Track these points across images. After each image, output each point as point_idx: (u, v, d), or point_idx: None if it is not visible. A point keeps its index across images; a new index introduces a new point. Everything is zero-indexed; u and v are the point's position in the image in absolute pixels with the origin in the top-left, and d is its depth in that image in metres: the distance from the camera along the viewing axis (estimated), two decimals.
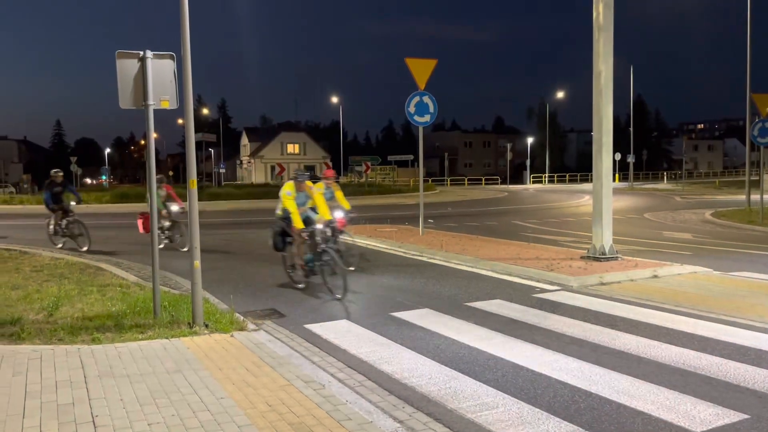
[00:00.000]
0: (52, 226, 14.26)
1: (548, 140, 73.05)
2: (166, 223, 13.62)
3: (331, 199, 10.29)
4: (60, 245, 13.84)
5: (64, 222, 13.90)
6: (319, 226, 8.78)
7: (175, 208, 13.57)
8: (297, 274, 8.99)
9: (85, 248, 13.26)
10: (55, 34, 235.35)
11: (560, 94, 71.08)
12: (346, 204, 10.79)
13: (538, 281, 9.18)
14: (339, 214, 10.33)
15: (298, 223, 8.54)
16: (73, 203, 14.14)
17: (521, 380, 4.96)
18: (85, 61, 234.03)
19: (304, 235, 8.65)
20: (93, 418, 4.05)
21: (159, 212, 12.78)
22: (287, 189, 8.87)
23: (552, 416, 4.22)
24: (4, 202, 36.29)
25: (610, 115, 10.79)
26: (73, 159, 56.03)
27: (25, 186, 56.97)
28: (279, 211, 9.11)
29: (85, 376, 4.86)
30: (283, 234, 9.05)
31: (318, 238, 8.60)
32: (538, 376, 5.05)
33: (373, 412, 4.20)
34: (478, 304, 7.72)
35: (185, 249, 12.60)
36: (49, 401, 4.35)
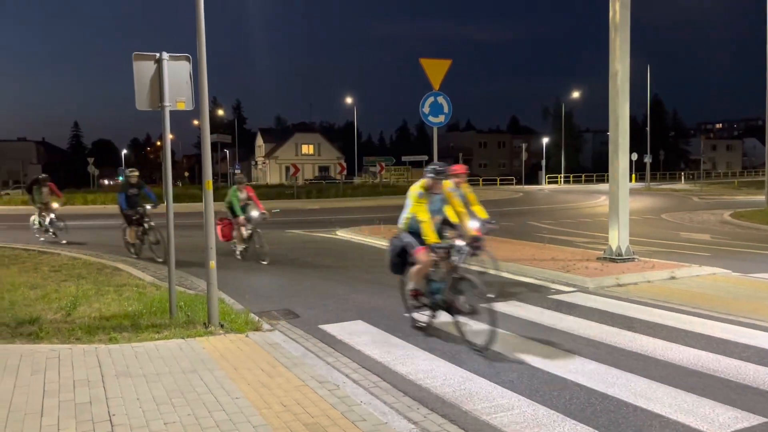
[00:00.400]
0: (128, 234, 12.65)
1: (564, 140, 72.62)
2: (245, 232, 11.77)
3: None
4: (136, 254, 12.36)
5: (140, 229, 12.36)
6: (459, 242, 6.48)
7: (255, 213, 11.63)
8: (418, 307, 6.71)
9: (161, 259, 11.33)
10: (73, 36, 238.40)
11: (576, 94, 70.62)
12: (482, 211, 8.24)
13: (553, 282, 9.12)
14: (474, 225, 7.42)
15: (431, 237, 6.11)
16: (149, 207, 12.42)
17: (537, 382, 4.93)
18: (103, 63, 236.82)
19: (438, 254, 6.20)
20: (110, 417, 4.08)
21: (237, 218, 11.57)
22: (417, 189, 6.42)
23: (568, 418, 4.19)
24: (24, 202, 36.76)
25: (627, 114, 10.71)
26: (91, 160, 56.67)
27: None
28: (404, 220, 6.64)
29: (102, 376, 4.91)
30: (404, 252, 6.64)
31: (455, 258, 6.17)
32: (553, 378, 5.02)
33: (387, 413, 4.20)
34: (493, 306, 7.67)
35: (266, 262, 11.30)
36: (67, 400, 4.39)
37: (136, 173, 12.76)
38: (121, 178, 69.08)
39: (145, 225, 12.24)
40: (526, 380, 4.97)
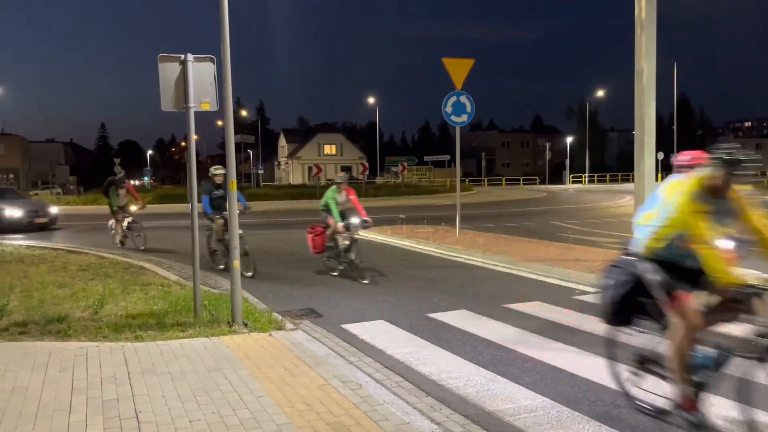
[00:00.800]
0: (213, 243, 10.86)
1: (588, 139, 71.85)
2: (344, 242, 9.92)
3: None
4: (222, 266, 10.57)
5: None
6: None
7: (356, 220, 9.75)
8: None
9: (250, 273, 9.79)
10: (99, 40, 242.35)
11: (600, 93, 69.86)
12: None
13: (578, 283, 9.03)
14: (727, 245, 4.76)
15: (724, 277, 3.54)
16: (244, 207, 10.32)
17: (561, 383, 4.88)
18: (129, 65, 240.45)
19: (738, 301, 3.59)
20: (136, 414, 4.14)
21: (336, 225, 9.73)
22: (693, 188, 3.72)
23: (592, 420, 4.14)
24: (52, 203, 37.45)
25: (653, 113, 10.55)
26: (117, 160, 57.49)
27: (71, 187, 58.73)
28: (650, 242, 3.99)
29: (128, 373, 4.98)
30: (635, 292, 4.10)
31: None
32: (578, 379, 4.97)
33: (410, 413, 4.19)
34: (516, 306, 7.64)
35: (367, 281, 9.37)
36: (95, 397, 4.46)
37: (222, 171, 10.28)
38: (146, 178, 69.94)
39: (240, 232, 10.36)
40: (550, 382, 4.93)
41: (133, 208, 14.62)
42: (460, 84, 14.34)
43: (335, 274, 10.00)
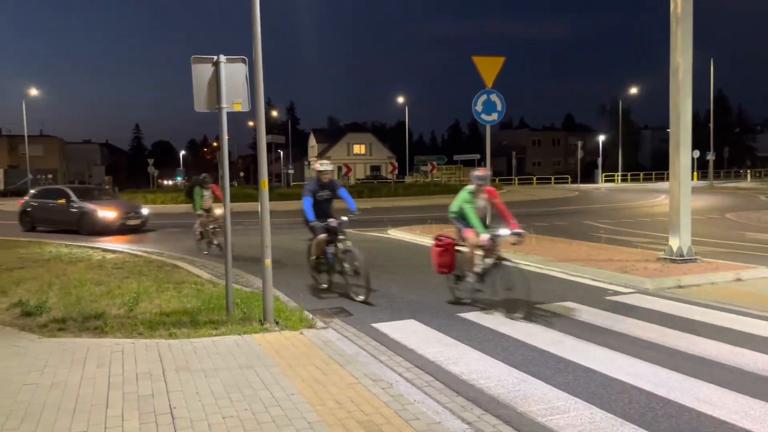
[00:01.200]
0: (316, 253, 8.66)
1: (621, 137, 70.68)
2: (481, 260, 7.54)
3: None
4: (325, 285, 8.76)
5: (332, 247, 8.40)
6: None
7: (504, 232, 7.39)
8: None
9: (361, 297, 7.91)
10: (133, 42, 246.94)
11: (634, 90, 68.61)
12: None
13: (611, 283, 8.89)
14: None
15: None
16: (345, 218, 8.40)
17: (594, 385, 4.81)
18: (163, 67, 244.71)
19: None
20: (171, 409, 4.21)
21: (479, 237, 7.37)
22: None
23: (627, 423, 4.08)
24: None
25: (689, 110, 10.34)
26: (151, 161, 58.60)
27: (107, 187, 59.94)
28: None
29: (163, 370, 5.06)
30: None
31: None
32: (611, 381, 4.89)
33: (441, 412, 4.18)
34: (548, 306, 7.56)
35: (522, 315, 7.13)
36: (130, 392, 4.55)
37: (330, 168, 8.51)
38: (179, 178, 70.59)
39: (340, 245, 8.32)
40: (583, 382, 4.86)
41: (218, 211, 13.00)
42: (491, 82, 14.22)
43: (467, 301, 7.73)
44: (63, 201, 18.48)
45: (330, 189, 8.64)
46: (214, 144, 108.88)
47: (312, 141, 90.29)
